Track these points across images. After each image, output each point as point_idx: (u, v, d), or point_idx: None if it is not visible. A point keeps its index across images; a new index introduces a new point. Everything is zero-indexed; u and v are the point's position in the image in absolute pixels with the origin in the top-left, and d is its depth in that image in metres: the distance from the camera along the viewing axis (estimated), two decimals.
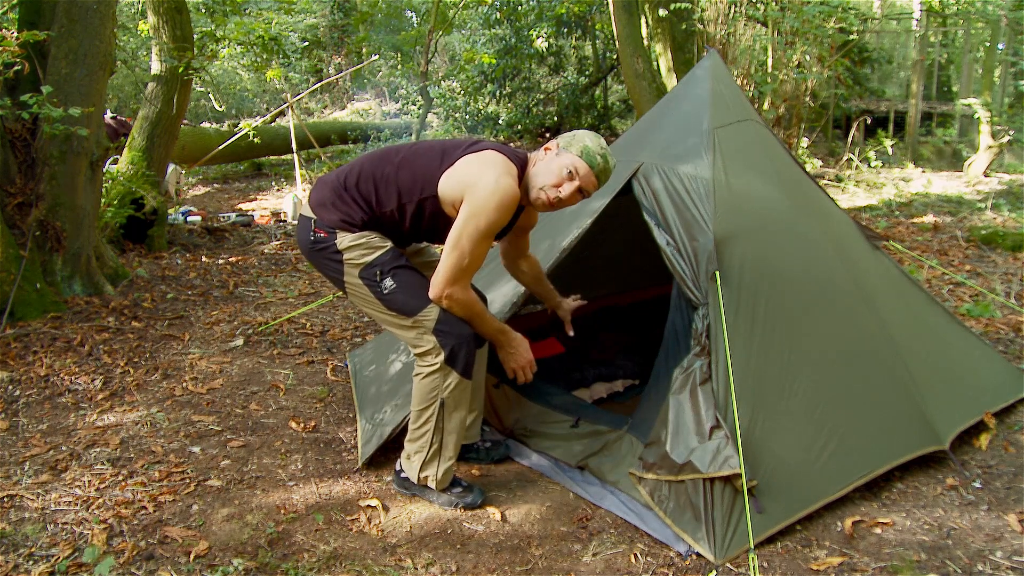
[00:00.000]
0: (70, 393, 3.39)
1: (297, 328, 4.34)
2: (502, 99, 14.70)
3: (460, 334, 2.34)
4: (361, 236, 2.37)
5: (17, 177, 4.40)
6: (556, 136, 2.46)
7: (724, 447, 2.28)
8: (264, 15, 11.22)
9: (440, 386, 2.36)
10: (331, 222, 2.37)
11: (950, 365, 3.16)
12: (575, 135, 2.34)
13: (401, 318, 2.36)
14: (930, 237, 6.55)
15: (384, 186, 2.37)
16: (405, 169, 2.37)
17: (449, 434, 2.45)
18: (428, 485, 2.53)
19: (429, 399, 2.39)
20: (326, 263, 2.42)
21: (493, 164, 2.26)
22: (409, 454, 2.54)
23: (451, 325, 2.33)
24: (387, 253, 2.37)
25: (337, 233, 2.36)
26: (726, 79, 3.15)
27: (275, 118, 12.09)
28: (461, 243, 2.22)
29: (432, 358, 2.35)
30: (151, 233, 6.03)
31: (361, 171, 2.40)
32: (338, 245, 2.36)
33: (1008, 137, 9.44)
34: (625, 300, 4.26)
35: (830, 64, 9.16)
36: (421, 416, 2.43)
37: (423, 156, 2.38)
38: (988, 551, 2.30)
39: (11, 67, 4.06)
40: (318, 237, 2.39)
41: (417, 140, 11.53)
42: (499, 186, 2.20)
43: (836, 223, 3.19)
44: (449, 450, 2.48)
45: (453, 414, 2.43)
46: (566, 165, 2.29)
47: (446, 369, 2.34)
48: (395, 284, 2.34)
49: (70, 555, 2.22)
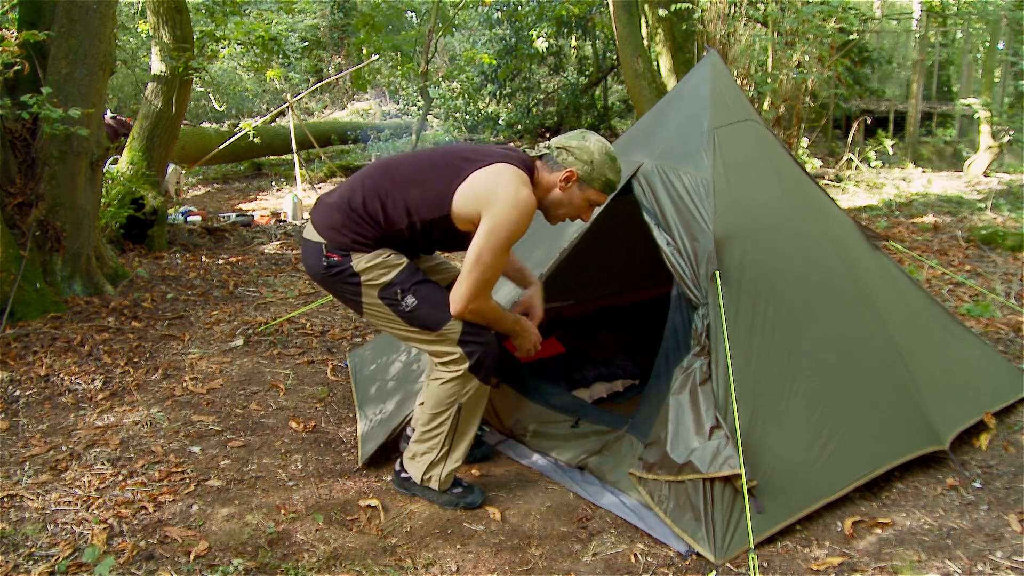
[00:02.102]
0: (70, 393, 3.39)
1: (297, 328, 4.34)
2: (502, 99, 14.70)
3: (485, 342, 2.34)
4: (377, 255, 2.31)
5: (17, 177, 4.40)
6: (557, 136, 2.45)
7: (724, 447, 2.28)
8: (264, 15, 11.22)
9: (460, 392, 2.36)
10: (343, 244, 2.31)
11: (950, 365, 3.16)
12: (593, 161, 2.30)
13: (425, 333, 2.34)
14: (930, 237, 6.55)
15: (392, 204, 2.31)
16: (414, 187, 2.32)
17: (461, 438, 2.46)
18: (430, 486, 2.53)
19: (447, 403, 2.39)
20: (342, 287, 2.36)
21: (507, 177, 2.23)
22: (416, 454, 2.53)
23: (476, 335, 2.33)
24: (405, 270, 2.33)
25: (351, 255, 2.30)
26: (726, 79, 3.14)
27: (275, 118, 12.09)
28: (483, 258, 2.21)
29: (456, 366, 2.34)
30: (151, 233, 6.03)
31: (365, 189, 2.34)
32: (354, 267, 2.30)
33: (1008, 137, 9.44)
34: (625, 300, 4.26)
35: (830, 64, 9.16)
36: (435, 419, 2.42)
37: (430, 172, 2.33)
38: (988, 551, 2.29)
39: (11, 67, 4.06)
40: (332, 261, 2.32)
41: (416, 141, 11.54)
42: (518, 199, 2.19)
43: (836, 223, 3.19)
44: (457, 453, 2.48)
45: (469, 419, 2.43)
46: (590, 199, 2.37)
47: (468, 376, 2.34)
48: (416, 300, 2.31)
49: (70, 555, 2.22)
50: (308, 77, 16.81)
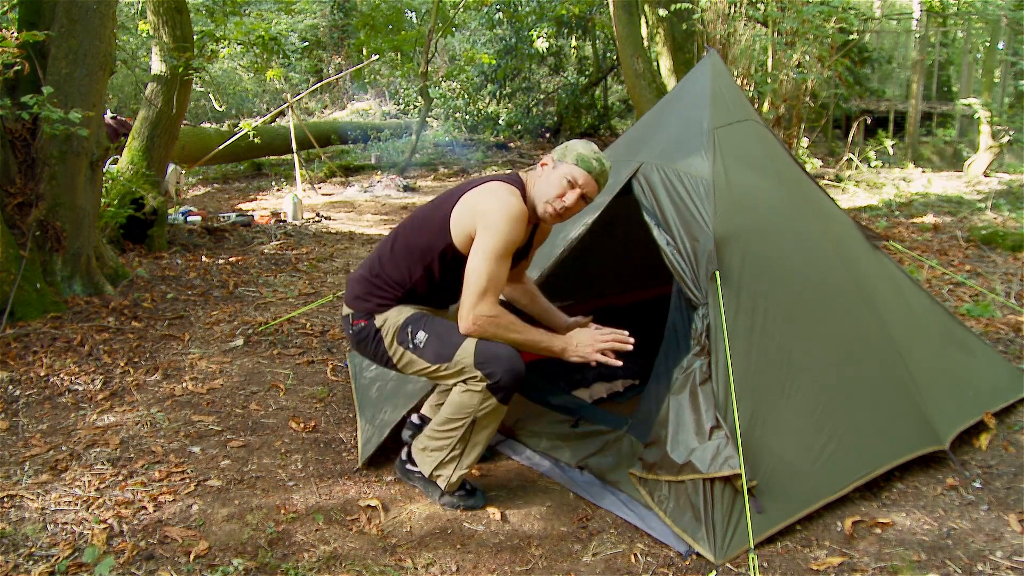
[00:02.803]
0: (70, 393, 3.39)
1: (297, 328, 4.34)
2: (502, 99, 14.71)
3: (502, 360, 2.29)
4: (396, 311, 2.44)
5: (17, 177, 4.40)
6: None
7: (724, 447, 2.28)
8: (264, 15, 11.23)
9: (477, 406, 2.35)
10: (368, 310, 2.46)
11: (950, 365, 3.16)
12: (567, 146, 2.41)
13: (444, 365, 2.35)
14: (930, 237, 6.55)
15: (405, 256, 2.44)
16: (419, 233, 2.44)
17: (473, 446, 2.45)
18: (437, 483, 2.53)
19: (462, 413, 2.38)
20: (373, 348, 2.47)
21: (495, 189, 2.35)
22: (428, 448, 2.51)
23: (489, 354, 2.30)
24: (416, 313, 2.44)
25: (374, 316, 2.45)
26: (726, 79, 3.14)
27: (275, 118, 12.09)
28: (480, 263, 2.25)
29: (476, 382, 2.34)
30: (151, 233, 6.03)
31: (381, 255, 2.50)
32: (376, 324, 2.44)
33: (1008, 137, 9.44)
34: (625, 300, 4.26)
35: (830, 64, 9.16)
36: (449, 423, 2.42)
37: (426, 213, 2.47)
38: (988, 551, 2.30)
39: (11, 67, 4.06)
40: (359, 327, 2.48)
41: (416, 141, 11.53)
42: (505, 202, 2.29)
43: (836, 223, 3.19)
44: (469, 458, 2.48)
45: (482, 431, 2.43)
46: (564, 175, 2.35)
47: (487, 393, 2.33)
48: (427, 334, 2.38)
49: (70, 555, 2.22)
50: (308, 77, 16.82)
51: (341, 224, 7.77)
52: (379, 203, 9.11)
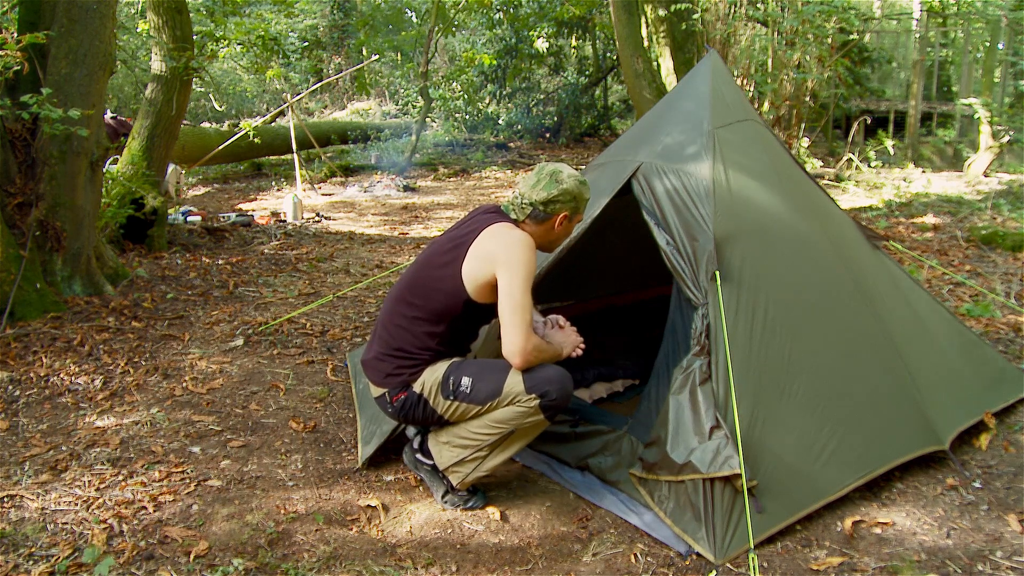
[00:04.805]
0: (70, 393, 3.39)
1: (297, 328, 4.34)
2: (502, 99, 14.71)
3: (554, 381, 2.33)
4: (428, 370, 2.43)
5: (17, 177, 4.40)
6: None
7: (724, 447, 2.28)
8: (264, 15, 11.23)
9: (522, 419, 2.36)
10: (403, 383, 2.45)
11: (950, 365, 3.16)
12: (576, 200, 2.44)
13: (497, 402, 2.36)
14: (930, 237, 6.55)
15: (423, 323, 2.42)
16: (432, 298, 2.42)
17: (500, 452, 2.46)
18: (450, 479, 2.52)
19: (505, 423, 2.38)
20: (422, 413, 2.46)
21: (501, 230, 2.38)
22: (450, 443, 2.50)
23: (540, 378, 2.33)
24: (449, 364, 2.44)
25: (411, 386, 2.44)
26: (726, 79, 3.14)
27: (275, 118, 12.09)
28: (515, 299, 2.27)
29: (529, 401, 2.34)
30: (151, 233, 6.03)
31: (388, 329, 2.48)
32: (416, 391, 2.43)
33: (1008, 137, 9.44)
34: (625, 300, 4.26)
35: (830, 64, 9.16)
36: (487, 427, 2.40)
37: (429, 273, 2.45)
38: (988, 551, 2.30)
39: (11, 68, 4.05)
40: (400, 401, 2.46)
41: (416, 141, 11.52)
42: (516, 237, 2.34)
43: (836, 223, 3.19)
44: (492, 463, 2.47)
45: (517, 442, 2.45)
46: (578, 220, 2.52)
47: (537, 410, 2.34)
48: (470, 378, 2.38)
49: (70, 555, 2.22)
50: (308, 77, 16.82)
51: (341, 224, 7.77)
52: (379, 203, 9.11)
